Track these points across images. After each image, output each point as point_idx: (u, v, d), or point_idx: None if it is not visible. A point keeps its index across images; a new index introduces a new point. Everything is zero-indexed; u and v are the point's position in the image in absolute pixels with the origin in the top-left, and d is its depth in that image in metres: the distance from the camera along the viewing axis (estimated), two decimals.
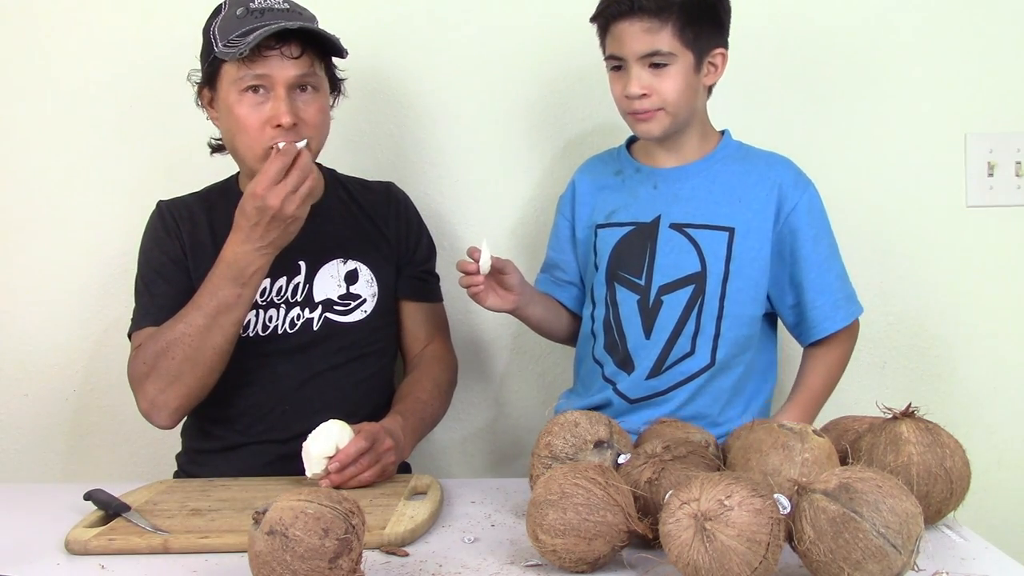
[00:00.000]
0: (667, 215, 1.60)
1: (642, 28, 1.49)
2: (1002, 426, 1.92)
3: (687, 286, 1.58)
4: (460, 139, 1.91)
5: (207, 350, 1.47)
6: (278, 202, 1.40)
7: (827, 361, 1.65)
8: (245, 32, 1.47)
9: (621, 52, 1.52)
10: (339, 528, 0.98)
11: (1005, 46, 1.88)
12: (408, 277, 1.70)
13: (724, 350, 1.58)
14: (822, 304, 1.60)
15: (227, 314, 1.46)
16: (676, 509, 0.98)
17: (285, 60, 1.49)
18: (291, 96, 1.50)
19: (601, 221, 1.65)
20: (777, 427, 1.16)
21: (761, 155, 1.65)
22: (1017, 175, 1.90)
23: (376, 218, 1.69)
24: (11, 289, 1.92)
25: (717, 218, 1.58)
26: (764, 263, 1.59)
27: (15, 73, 1.90)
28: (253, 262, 1.44)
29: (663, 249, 1.59)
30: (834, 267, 1.62)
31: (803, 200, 1.59)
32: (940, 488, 1.14)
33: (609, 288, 1.62)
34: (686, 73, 1.51)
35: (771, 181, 1.60)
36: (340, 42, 1.53)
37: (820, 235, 1.61)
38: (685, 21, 1.49)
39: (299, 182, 1.41)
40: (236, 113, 1.50)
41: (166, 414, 1.51)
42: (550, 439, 1.25)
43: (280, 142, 1.47)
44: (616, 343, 1.61)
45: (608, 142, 1.84)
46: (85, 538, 1.18)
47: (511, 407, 1.95)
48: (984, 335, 1.91)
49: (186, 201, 1.67)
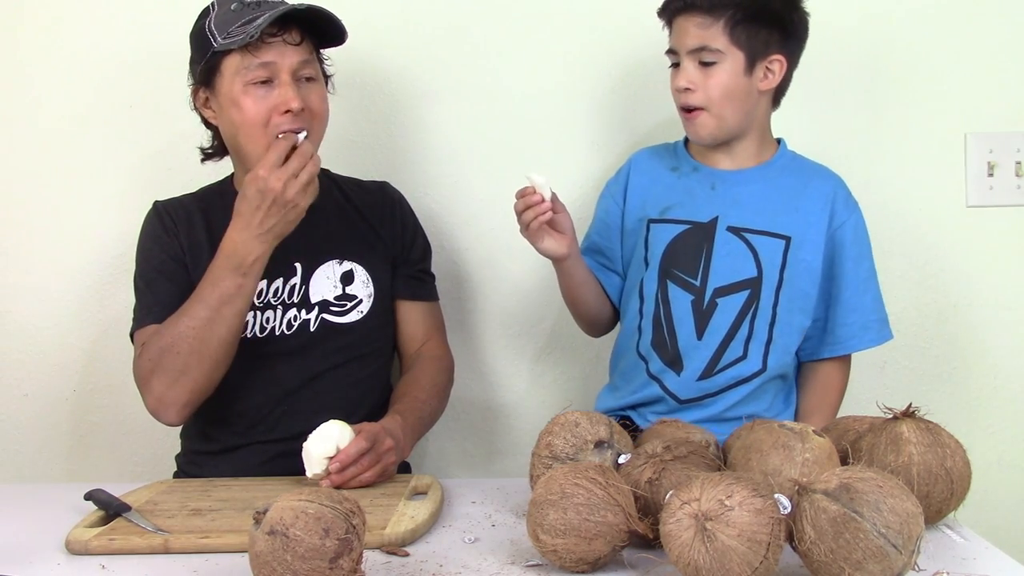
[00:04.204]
0: (725, 217, 1.60)
1: (694, 23, 1.52)
2: (1002, 426, 1.92)
3: (743, 291, 1.58)
4: (458, 139, 1.91)
5: (212, 342, 1.46)
6: (280, 185, 1.40)
7: (839, 380, 1.67)
8: (247, 21, 1.47)
9: (676, 46, 1.55)
10: (340, 528, 0.98)
11: (1005, 46, 1.89)
12: (404, 276, 1.70)
13: (775, 357, 1.59)
14: (852, 323, 1.61)
15: (230, 304, 1.45)
16: (677, 509, 0.98)
17: (287, 47, 1.50)
18: (295, 84, 1.51)
19: (654, 216, 1.64)
20: (777, 427, 1.16)
21: (817, 168, 1.66)
22: (1017, 175, 1.90)
23: (371, 218, 1.69)
24: (11, 289, 1.91)
25: (775, 225, 1.58)
26: (815, 275, 1.60)
27: (15, 73, 1.90)
28: (253, 250, 1.44)
29: (720, 251, 1.59)
30: (871, 289, 1.63)
31: (851, 220, 1.61)
32: (941, 488, 1.14)
33: (661, 285, 1.61)
34: (734, 73, 1.52)
35: (826, 195, 1.61)
36: (343, 24, 1.54)
37: (862, 256, 1.62)
38: (738, 20, 1.50)
39: (300, 167, 1.42)
40: (242, 104, 1.49)
41: (174, 411, 1.50)
42: (550, 439, 1.25)
43: (283, 130, 1.48)
44: (665, 341, 1.61)
45: (606, 142, 1.85)
46: (85, 538, 1.18)
47: (511, 407, 1.95)
48: (984, 335, 1.91)
49: (182, 201, 1.66)
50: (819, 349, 1.64)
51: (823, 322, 1.63)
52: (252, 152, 1.52)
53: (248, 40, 1.45)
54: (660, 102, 1.75)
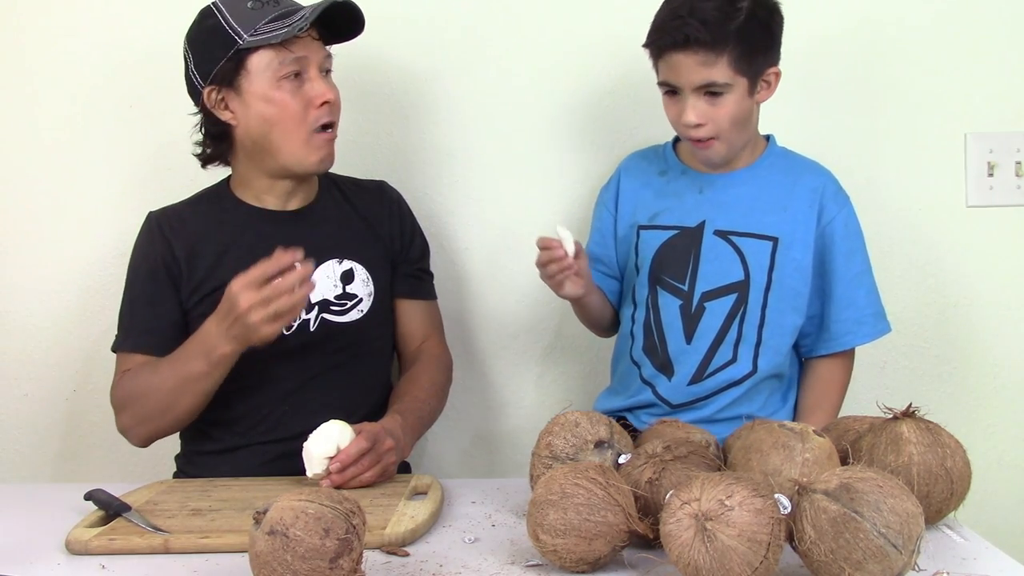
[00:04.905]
0: (712, 221, 1.60)
1: (697, 61, 1.46)
2: (1002, 426, 1.92)
3: (730, 294, 1.58)
4: (457, 140, 1.91)
5: (178, 407, 1.49)
6: (245, 306, 1.35)
7: (841, 377, 1.66)
8: (275, 17, 1.49)
9: (676, 81, 1.50)
10: (340, 528, 0.98)
11: (1005, 46, 1.89)
12: (403, 275, 1.70)
13: (766, 358, 1.59)
14: (846, 319, 1.61)
15: (197, 383, 1.46)
16: (677, 509, 0.98)
17: (313, 42, 1.53)
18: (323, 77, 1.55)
19: (644, 222, 1.65)
20: (777, 427, 1.16)
21: (805, 164, 1.65)
22: (1017, 175, 1.90)
23: (370, 217, 1.69)
24: (11, 289, 1.92)
25: (762, 227, 1.58)
26: (806, 273, 1.60)
27: (16, 73, 1.90)
28: (220, 346, 1.41)
29: (707, 256, 1.59)
30: (864, 283, 1.62)
31: (840, 215, 1.60)
32: (941, 488, 1.14)
33: (651, 291, 1.62)
34: (741, 98, 1.50)
35: (814, 191, 1.60)
36: (364, 22, 1.58)
37: (853, 251, 1.61)
38: (741, 51, 1.46)
39: (272, 297, 1.34)
40: (276, 99, 1.51)
41: (139, 442, 1.56)
42: (550, 439, 1.25)
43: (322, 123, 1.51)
44: (656, 346, 1.62)
45: (604, 142, 1.84)
46: (85, 538, 1.18)
47: (511, 407, 1.95)
48: (984, 335, 1.91)
49: (177, 209, 1.66)
50: (817, 346, 1.64)
51: (819, 319, 1.63)
52: (286, 147, 1.53)
53: (293, 34, 1.47)
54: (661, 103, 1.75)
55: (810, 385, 1.66)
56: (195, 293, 1.58)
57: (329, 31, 1.57)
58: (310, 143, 1.54)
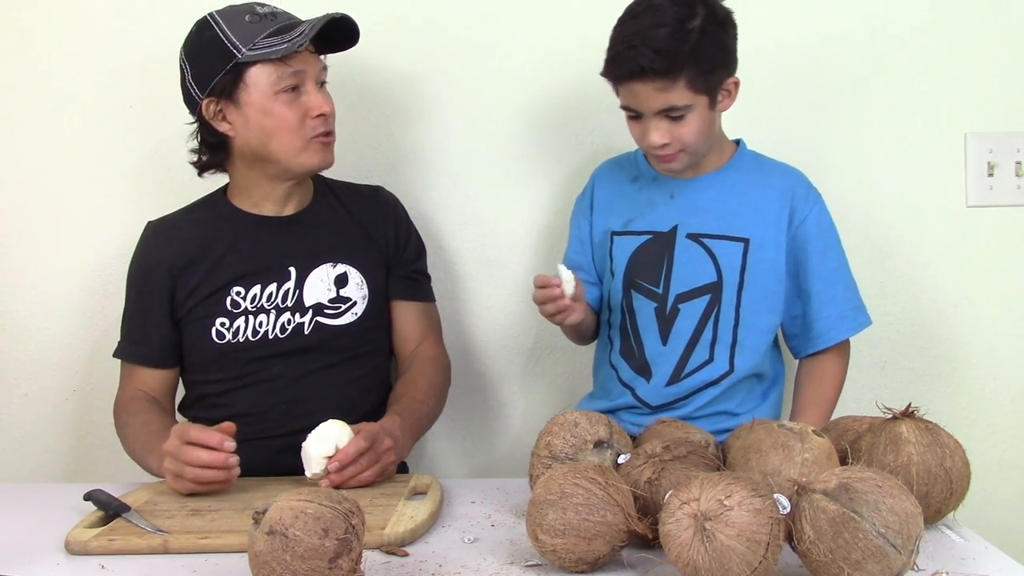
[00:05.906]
0: (684, 225, 1.61)
1: (655, 88, 1.47)
2: (1002, 426, 1.92)
3: (704, 295, 1.59)
4: (457, 141, 1.91)
5: (144, 467, 1.52)
6: (170, 465, 1.35)
7: (835, 373, 1.66)
8: (274, 32, 1.51)
9: (637, 107, 1.51)
10: (339, 528, 0.98)
11: (1005, 46, 1.88)
12: (398, 277, 1.71)
13: (743, 358, 1.59)
14: (828, 315, 1.61)
15: (150, 469, 1.50)
16: (676, 509, 0.98)
17: (310, 56, 1.56)
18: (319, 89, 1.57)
19: (618, 228, 1.66)
20: (777, 427, 1.16)
21: (775, 166, 1.66)
22: (1017, 175, 1.90)
23: (365, 222, 1.70)
24: (11, 289, 1.91)
25: (733, 229, 1.59)
26: (779, 272, 1.60)
27: (16, 74, 1.90)
28: (160, 464, 1.40)
29: (680, 259, 1.60)
30: (842, 279, 1.63)
31: (812, 214, 1.61)
32: (940, 488, 1.14)
33: (626, 295, 1.63)
34: (703, 114, 1.51)
35: (784, 192, 1.61)
36: (359, 37, 1.60)
37: (828, 248, 1.62)
38: (697, 71, 1.46)
39: (191, 464, 1.33)
40: (275, 112, 1.53)
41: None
42: (550, 439, 1.25)
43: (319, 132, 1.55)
44: (632, 349, 1.63)
45: (601, 142, 1.84)
46: (85, 538, 1.18)
47: (510, 407, 1.95)
48: (984, 335, 1.91)
49: (174, 218, 1.68)
50: (804, 345, 1.65)
51: (802, 319, 1.64)
52: (284, 155, 1.56)
53: (293, 50, 1.49)
54: None
55: (805, 383, 1.66)
56: (190, 298, 1.60)
57: (324, 42, 1.58)
58: (308, 149, 1.56)
